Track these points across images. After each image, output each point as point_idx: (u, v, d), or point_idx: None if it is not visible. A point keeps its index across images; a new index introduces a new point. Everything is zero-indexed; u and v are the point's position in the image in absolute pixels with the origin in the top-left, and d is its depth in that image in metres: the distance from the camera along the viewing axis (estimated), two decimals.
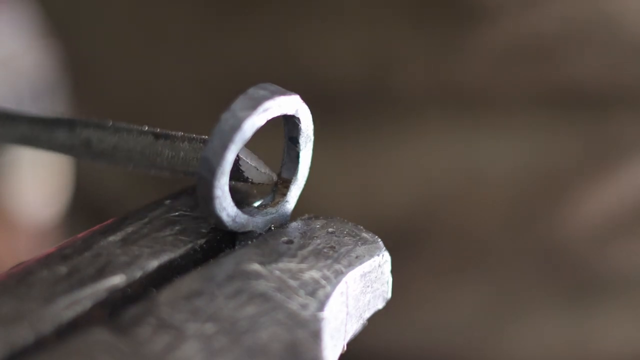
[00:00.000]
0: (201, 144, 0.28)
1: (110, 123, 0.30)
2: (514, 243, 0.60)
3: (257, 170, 0.28)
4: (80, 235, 0.26)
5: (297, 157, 0.28)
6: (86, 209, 0.72)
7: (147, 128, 0.29)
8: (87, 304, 0.24)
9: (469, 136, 0.57)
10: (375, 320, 0.62)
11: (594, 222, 0.59)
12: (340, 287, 0.26)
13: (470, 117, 0.56)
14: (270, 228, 0.28)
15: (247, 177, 0.28)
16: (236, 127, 0.25)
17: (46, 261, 0.25)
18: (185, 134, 0.29)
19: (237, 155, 0.27)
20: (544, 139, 0.57)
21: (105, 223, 0.27)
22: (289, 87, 0.27)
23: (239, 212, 0.27)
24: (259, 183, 0.28)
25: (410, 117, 0.56)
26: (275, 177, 0.29)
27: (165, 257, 0.26)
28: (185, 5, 0.56)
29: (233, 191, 0.27)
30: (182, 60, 0.58)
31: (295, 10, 0.54)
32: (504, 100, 0.56)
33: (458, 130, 0.57)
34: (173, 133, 0.29)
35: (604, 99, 0.56)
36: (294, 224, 0.28)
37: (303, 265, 0.26)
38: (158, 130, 0.29)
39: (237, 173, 0.28)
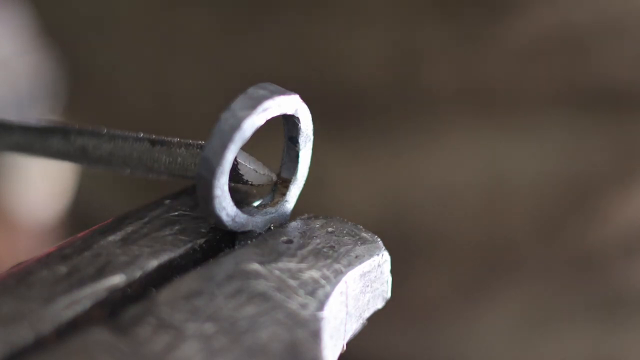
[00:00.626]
0: (199, 150, 0.28)
1: (105, 131, 0.30)
2: (541, 252, 0.58)
3: (256, 172, 0.28)
4: (80, 235, 0.26)
5: (297, 156, 0.28)
6: (81, 214, 0.72)
7: (142, 135, 0.29)
8: (87, 304, 0.24)
9: (495, 138, 0.55)
10: (397, 334, 0.60)
11: (624, 231, 0.58)
12: (340, 286, 0.26)
13: (497, 117, 0.55)
14: (269, 228, 0.28)
15: (247, 180, 0.28)
16: (236, 126, 0.25)
17: (46, 261, 0.25)
18: (182, 140, 0.29)
19: (236, 160, 0.28)
20: (572, 142, 0.55)
21: (104, 223, 0.27)
22: (310, 87, 0.27)
23: (239, 212, 0.27)
24: (259, 185, 0.28)
25: (435, 117, 0.55)
26: (274, 177, 0.29)
27: (165, 257, 0.26)
28: (200, 6, 0.55)
29: (233, 191, 0.27)
30: (197, 63, 0.57)
31: (315, 9, 0.53)
32: (531, 100, 0.54)
33: (483, 132, 0.55)
34: (169, 139, 0.29)
35: (635, 100, 0.55)
36: (293, 224, 0.28)
37: (303, 265, 0.26)
38: (154, 137, 0.29)
39: (236, 177, 0.28)
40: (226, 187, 0.26)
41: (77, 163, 0.31)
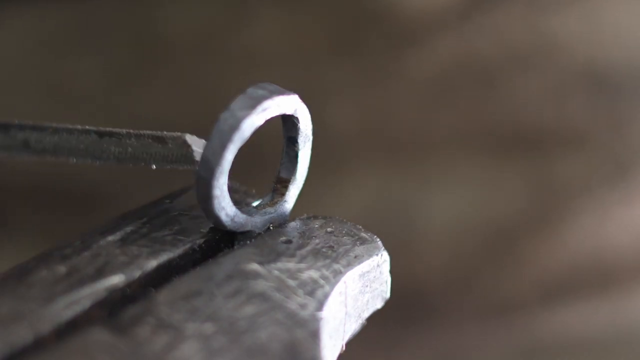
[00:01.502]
0: (150, 140, 0.28)
1: (48, 124, 0.30)
2: (455, 301, 0.57)
3: None
4: (79, 234, 0.26)
5: (296, 156, 0.28)
6: None
7: (88, 127, 0.29)
8: (86, 304, 0.24)
9: (403, 184, 0.54)
10: None
11: (540, 276, 0.56)
12: (339, 286, 0.26)
13: (405, 162, 0.53)
14: (269, 228, 0.28)
15: None
16: (235, 126, 0.25)
17: (46, 261, 0.25)
18: (132, 131, 0.29)
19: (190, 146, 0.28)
20: (484, 186, 0.54)
21: (104, 222, 0.27)
22: (206, 131, 0.27)
23: (238, 212, 0.27)
24: None
25: (340, 165, 0.53)
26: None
27: (164, 257, 0.26)
28: (88, 55, 0.54)
29: (232, 191, 0.27)
30: (87, 112, 0.56)
31: (209, 54, 0.52)
32: (440, 141, 0.53)
33: (391, 179, 0.54)
34: (118, 130, 0.29)
35: (547, 140, 0.54)
36: (292, 224, 0.28)
37: (302, 265, 0.26)
38: (101, 128, 0.29)
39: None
40: (225, 187, 0.26)
41: (22, 156, 0.30)
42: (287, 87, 0.53)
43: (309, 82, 0.52)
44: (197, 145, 0.28)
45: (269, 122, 0.26)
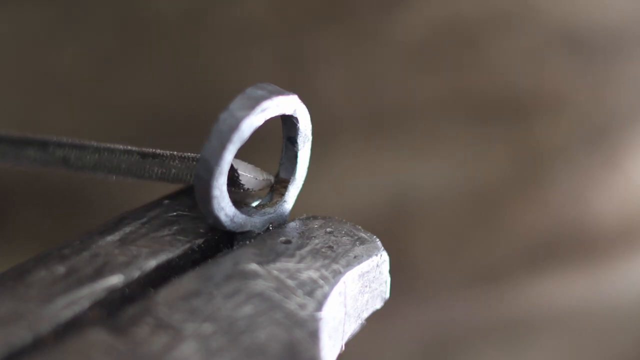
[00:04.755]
0: (194, 162, 0.28)
1: (89, 143, 0.30)
2: (445, 270, 0.57)
3: (256, 179, 0.28)
4: (78, 235, 0.26)
5: (295, 157, 0.28)
6: None
7: (130, 147, 0.29)
8: (85, 304, 0.24)
9: (391, 157, 0.54)
10: None
11: (527, 243, 0.57)
12: (339, 287, 0.26)
13: (390, 131, 0.54)
14: (268, 228, 0.28)
15: (248, 188, 0.28)
16: (234, 127, 0.25)
17: (45, 261, 0.25)
18: (176, 153, 0.29)
19: (236, 171, 0.28)
20: (469, 153, 0.55)
21: (103, 223, 0.27)
22: (195, 110, 0.27)
23: (237, 212, 0.27)
24: (259, 190, 0.28)
25: (330, 132, 0.54)
26: (273, 180, 0.29)
27: (163, 257, 0.26)
28: (71, 46, 0.54)
29: (231, 191, 0.27)
30: (75, 102, 0.56)
31: (194, 34, 0.52)
32: (425, 111, 0.53)
33: (378, 153, 0.54)
34: (161, 152, 0.29)
35: (527, 104, 0.54)
36: (292, 224, 0.28)
37: (301, 265, 0.26)
38: (144, 149, 0.29)
39: (236, 187, 0.28)
40: (224, 188, 0.26)
41: (60, 170, 0.31)
42: (278, 57, 0.53)
43: (298, 50, 0.52)
44: (242, 169, 0.28)
45: (269, 122, 0.26)
